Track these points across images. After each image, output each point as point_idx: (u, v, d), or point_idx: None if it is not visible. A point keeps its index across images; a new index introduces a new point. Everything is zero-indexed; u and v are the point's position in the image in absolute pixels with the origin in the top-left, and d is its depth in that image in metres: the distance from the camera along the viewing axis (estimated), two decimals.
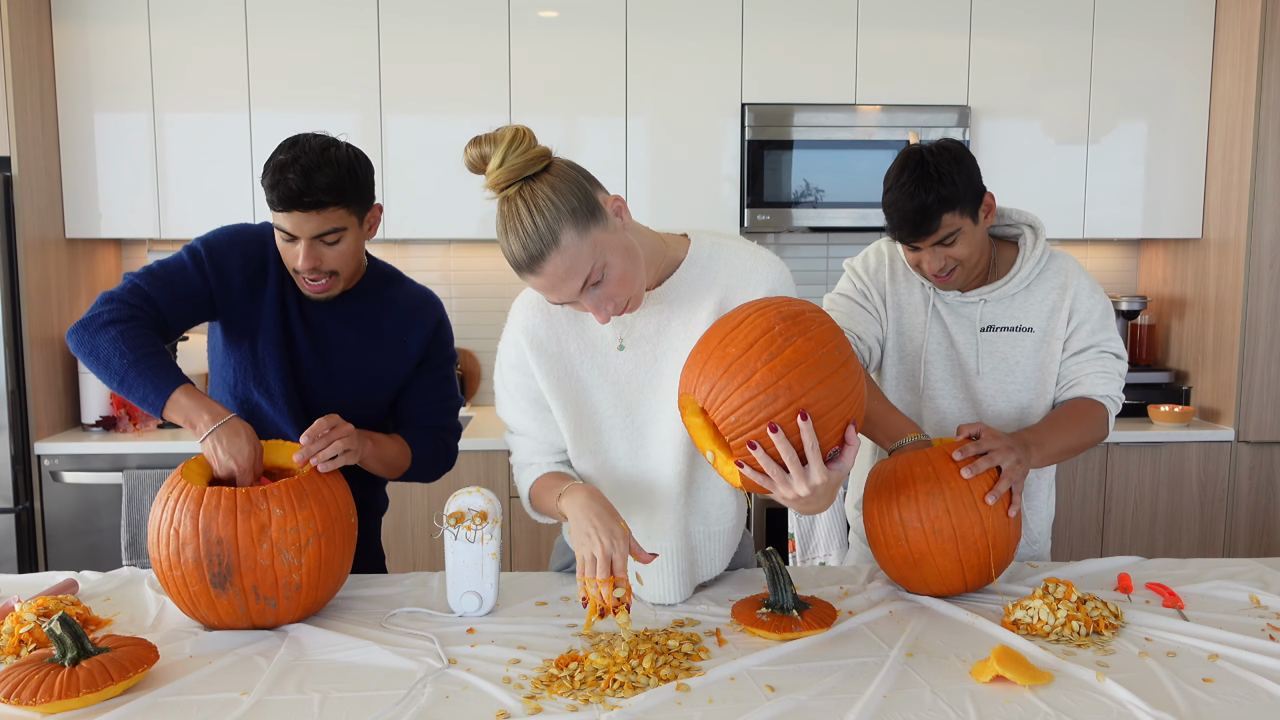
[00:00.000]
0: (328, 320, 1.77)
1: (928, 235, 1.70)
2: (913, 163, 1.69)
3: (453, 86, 3.26)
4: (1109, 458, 3.28)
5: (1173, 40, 3.39)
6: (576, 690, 1.25)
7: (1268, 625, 1.46)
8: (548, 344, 1.54)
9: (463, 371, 3.69)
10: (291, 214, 1.59)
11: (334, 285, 1.70)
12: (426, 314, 1.84)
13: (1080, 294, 1.80)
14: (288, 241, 1.63)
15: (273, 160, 1.60)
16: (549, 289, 1.37)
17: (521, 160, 1.32)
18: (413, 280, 1.88)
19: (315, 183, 1.57)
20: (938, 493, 1.51)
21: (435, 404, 1.87)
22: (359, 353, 1.78)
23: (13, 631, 1.38)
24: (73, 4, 3.16)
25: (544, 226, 1.31)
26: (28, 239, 3.03)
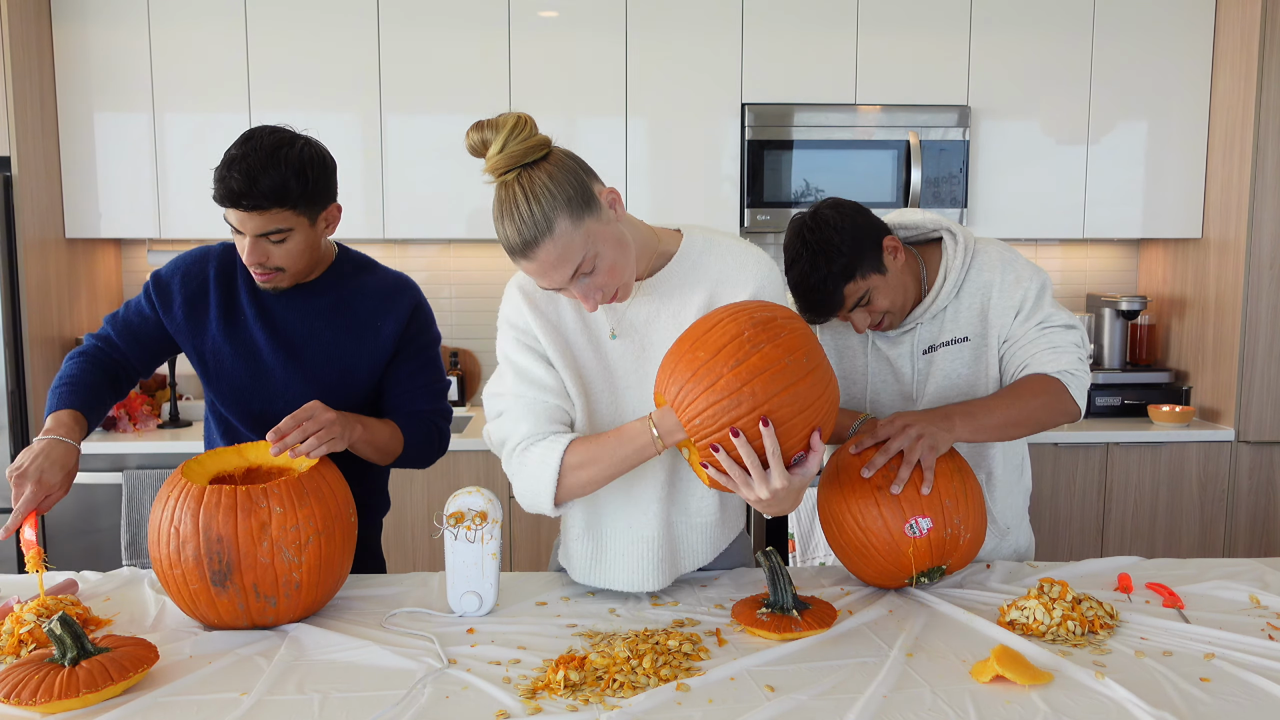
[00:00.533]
0: (292, 315, 1.77)
1: (834, 311, 1.71)
2: (796, 244, 1.70)
3: (453, 86, 3.26)
4: (1109, 458, 3.28)
5: (1173, 40, 3.39)
6: (576, 690, 1.25)
7: (1267, 625, 1.46)
8: (546, 311, 1.54)
9: (462, 371, 3.69)
10: (234, 211, 1.59)
11: (281, 279, 1.69)
12: (400, 299, 1.81)
13: (1004, 286, 1.74)
14: (236, 234, 1.64)
15: (227, 153, 1.60)
16: (540, 274, 1.39)
17: (521, 147, 1.34)
18: (387, 268, 1.86)
19: (258, 185, 1.56)
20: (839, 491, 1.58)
21: (422, 388, 1.84)
22: (330, 344, 1.77)
23: (13, 631, 1.39)
24: (73, 4, 3.16)
25: (539, 214, 1.33)
26: (28, 239, 3.03)
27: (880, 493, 1.53)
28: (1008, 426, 1.65)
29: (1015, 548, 1.90)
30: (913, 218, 1.85)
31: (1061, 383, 1.69)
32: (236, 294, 1.77)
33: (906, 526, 1.52)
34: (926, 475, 1.52)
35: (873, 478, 1.55)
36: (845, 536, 1.58)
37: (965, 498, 1.57)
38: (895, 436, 1.55)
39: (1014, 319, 1.75)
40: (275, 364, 1.77)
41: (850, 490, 1.56)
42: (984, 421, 1.62)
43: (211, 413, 1.86)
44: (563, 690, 1.24)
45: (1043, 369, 1.70)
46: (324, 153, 1.67)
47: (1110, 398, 3.48)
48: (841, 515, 1.58)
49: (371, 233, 3.31)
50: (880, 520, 1.53)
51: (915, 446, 1.53)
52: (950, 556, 1.57)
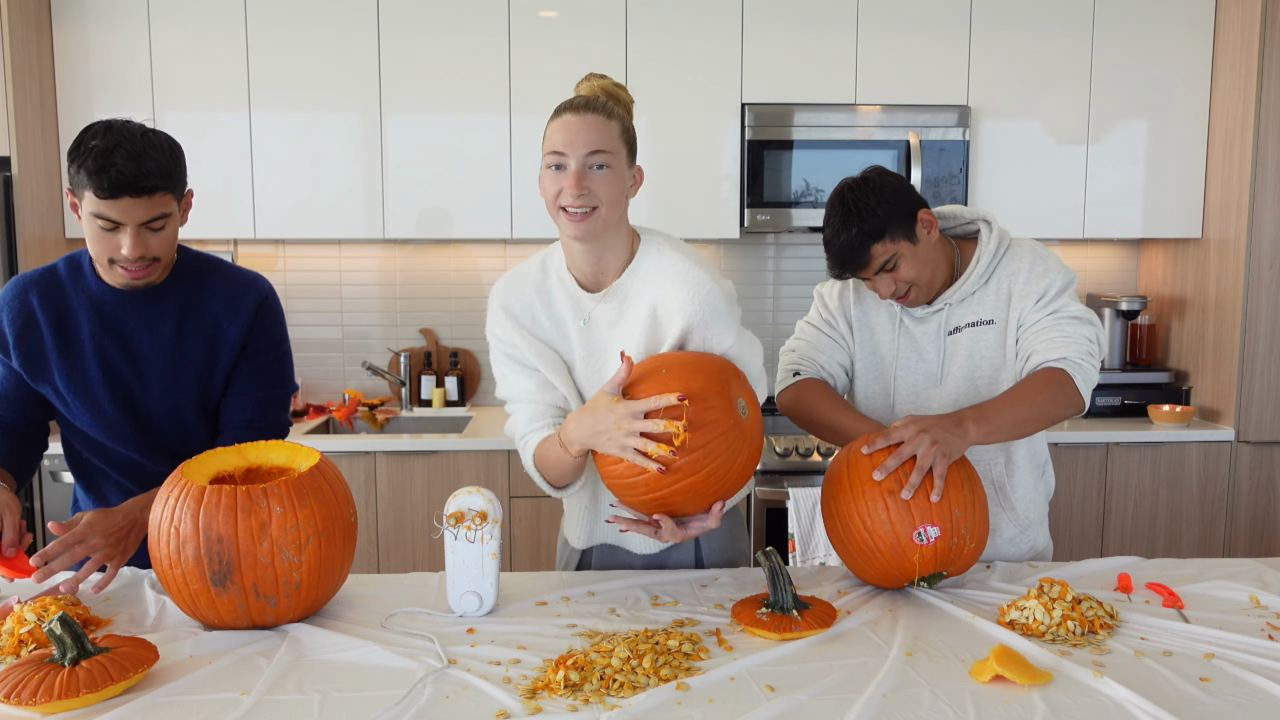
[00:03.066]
0: (139, 326, 1.72)
1: (861, 269, 1.76)
2: (835, 200, 1.76)
3: (453, 86, 3.27)
4: (1109, 458, 3.28)
5: (1173, 40, 3.39)
6: (576, 690, 1.25)
7: (1267, 625, 1.46)
8: (521, 316, 1.66)
9: (462, 371, 3.70)
10: (120, 200, 1.54)
11: (154, 272, 1.66)
12: (246, 298, 1.76)
13: (1031, 274, 1.77)
14: (109, 230, 1.58)
15: (88, 146, 1.54)
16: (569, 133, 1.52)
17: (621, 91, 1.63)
18: (237, 266, 1.82)
19: (145, 167, 1.54)
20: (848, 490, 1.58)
21: (254, 398, 1.78)
22: (178, 349, 1.73)
23: (13, 631, 1.38)
24: (73, 4, 3.16)
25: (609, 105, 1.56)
26: (28, 239, 3.03)
27: (890, 496, 1.53)
28: (1019, 425, 1.66)
29: (1033, 546, 1.91)
30: (953, 209, 1.90)
31: (1067, 373, 1.69)
32: (71, 314, 1.71)
33: (915, 534, 1.52)
34: (937, 483, 1.52)
35: (883, 480, 1.54)
36: (849, 536, 1.58)
37: (973, 507, 1.57)
38: (909, 441, 1.55)
39: (1033, 305, 1.77)
40: (131, 380, 1.72)
41: (859, 490, 1.56)
42: (996, 423, 1.63)
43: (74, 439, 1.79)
44: (563, 690, 1.24)
45: (1048, 358, 1.71)
46: (175, 139, 1.66)
47: (1110, 398, 3.48)
48: (847, 514, 1.57)
49: (371, 233, 3.31)
50: (888, 525, 1.53)
51: (929, 453, 1.52)
52: (953, 564, 1.57)
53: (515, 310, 1.66)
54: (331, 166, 3.28)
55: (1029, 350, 1.75)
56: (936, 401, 1.85)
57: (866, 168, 1.80)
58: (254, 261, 3.62)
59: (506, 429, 1.72)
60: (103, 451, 1.78)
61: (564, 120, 1.54)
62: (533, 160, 3.29)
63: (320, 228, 3.31)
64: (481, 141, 3.29)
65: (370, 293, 3.70)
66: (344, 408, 3.49)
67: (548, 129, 1.57)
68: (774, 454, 3.09)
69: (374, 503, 3.12)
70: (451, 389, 3.66)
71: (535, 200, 3.30)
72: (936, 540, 1.52)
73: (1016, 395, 1.68)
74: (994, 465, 1.85)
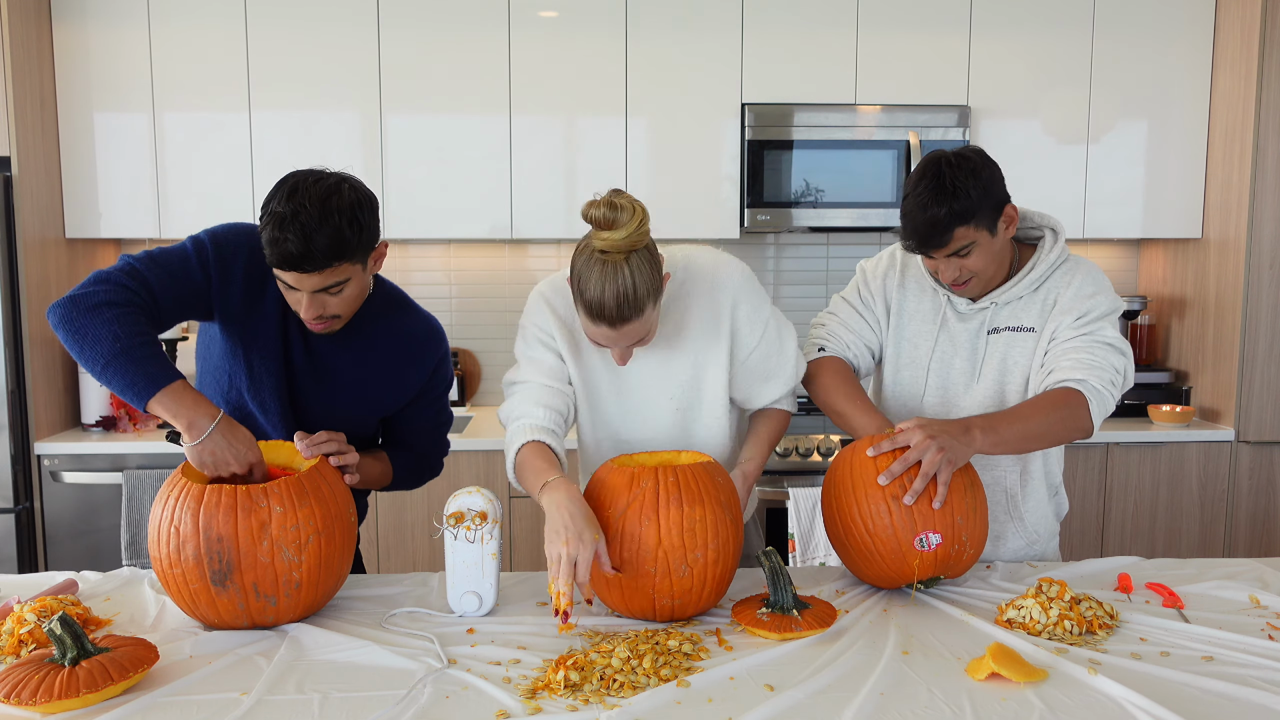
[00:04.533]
0: (329, 345, 1.72)
1: (939, 248, 1.68)
2: (930, 172, 1.67)
3: (453, 86, 3.26)
4: (1109, 458, 3.28)
5: (1173, 40, 3.39)
6: (576, 690, 1.25)
7: (1267, 625, 1.47)
8: (566, 319, 1.73)
9: (462, 371, 3.69)
10: (288, 273, 1.50)
11: (335, 324, 1.63)
12: (429, 348, 1.80)
13: (1079, 291, 1.76)
14: (288, 289, 1.55)
15: (270, 210, 1.48)
16: (611, 340, 1.56)
17: (639, 236, 1.50)
18: (420, 308, 1.83)
19: (316, 245, 1.47)
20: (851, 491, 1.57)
21: (428, 430, 1.89)
22: (358, 380, 1.74)
23: (13, 631, 1.39)
24: (73, 4, 3.16)
25: (638, 297, 1.51)
26: (28, 239, 3.03)
27: (893, 501, 1.53)
28: (1026, 440, 1.64)
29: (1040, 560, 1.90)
30: (1023, 209, 1.85)
31: (1083, 396, 1.67)
32: (272, 305, 1.67)
33: (916, 540, 1.52)
34: (940, 490, 1.52)
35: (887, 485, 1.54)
36: (850, 537, 1.58)
37: (974, 513, 1.58)
38: (916, 447, 1.54)
39: (1071, 321, 1.74)
40: (308, 385, 1.72)
41: (862, 493, 1.56)
42: (1003, 435, 1.61)
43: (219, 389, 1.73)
44: (563, 690, 1.24)
45: (1070, 377, 1.68)
46: (368, 193, 1.59)
47: None
48: (849, 515, 1.57)
49: None
50: (890, 529, 1.53)
51: (935, 460, 1.52)
52: (952, 569, 1.58)
53: (560, 311, 1.72)
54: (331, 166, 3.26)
55: (1054, 365, 1.73)
56: (966, 400, 1.83)
57: (965, 146, 1.72)
58: None
59: (501, 411, 1.74)
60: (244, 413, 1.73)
61: (602, 330, 1.55)
62: (533, 160, 3.29)
63: None
64: (481, 141, 3.29)
65: None
66: None
67: (582, 315, 1.56)
68: (774, 454, 3.09)
69: (374, 503, 3.12)
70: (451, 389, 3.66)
71: (535, 200, 3.30)
72: (938, 547, 1.53)
73: (1028, 411, 1.66)
74: (1008, 474, 1.85)
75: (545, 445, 1.62)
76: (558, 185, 3.32)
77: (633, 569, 1.45)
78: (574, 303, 1.57)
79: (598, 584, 1.52)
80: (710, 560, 1.46)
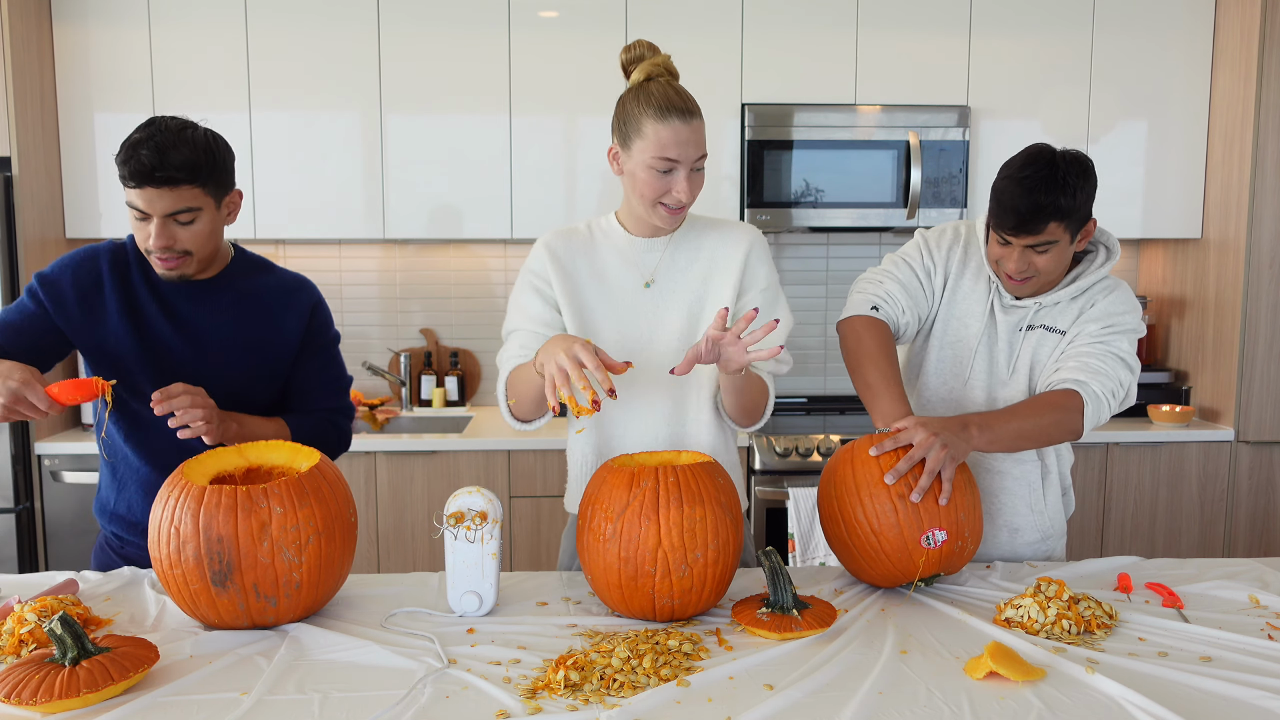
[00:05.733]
0: (198, 311, 1.76)
1: (1028, 234, 1.67)
2: (1044, 160, 1.66)
3: (453, 86, 3.27)
4: (1109, 458, 3.28)
5: (1172, 40, 3.39)
6: (576, 690, 1.25)
7: (1267, 625, 1.47)
8: (564, 261, 1.76)
9: (462, 371, 3.70)
10: (144, 190, 1.59)
11: (187, 265, 1.69)
12: (300, 297, 1.84)
13: (1109, 307, 1.77)
14: (140, 219, 1.63)
15: (128, 138, 1.60)
16: (683, 141, 1.61)
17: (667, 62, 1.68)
18: (284, 268, 1.89)
19: (169, 159, 1.58)
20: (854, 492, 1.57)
21: (322, 386, 1.88)
22: (236, 339, 1.78)
23: (13, 631, 1.39)
24: (73, 4, 3.16)
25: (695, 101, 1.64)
26: (28, 239, 3.03)
27: (900, 500, 1.53)
28: (1019, 439, 1.66)
29: (1050, 555, 1.91)
30: None
31: (1081, 399, 1.69)
32: (135, 289, 1.75)
33: (923, 538, 1.53)
34: (945, 487, 1.53)
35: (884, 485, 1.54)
36: (854, 537, 1.58)
37: (973, 509, 1.59)
38: (920, 445, 1.54)
39: (1095, 328, 1.76)
40: (185, 359, 1.76)
41: (866, 493, 1.56)
42: (999, 433, 1.63)
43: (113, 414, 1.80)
44: (563, 690, 1.24)
45: (1073, 377, 1.71)
46: (225, 141, 1.70)
47: None
48: (852, 515, 1.57)
49: (371, 233, 3.31)
50: (896, 528, 1.53)
51: (940, 457, 1.53)
52: (953, 566, 1.59)
53: (559, 254, 1.77)
54: (331, 166, 3.28)
55: (1062, 364, 1.75)
56: (1005, 393, 1.83)
57: (1075, 150, 1.70)
58: None
59: (499, 358, 1.76)
60: (138, 424, 1.77)
61: (673, 126, 1.61)
62: (533, 160, 3.29)
63: (320, 228, 3.31)
64: (481, 141, 3.29)
65: (370, 293, 3.70)
66: None
67: (650, 127, 1.61)
68: (774, 454, 3.09)
69: (374, 503, 3.12)
70: (452, 389, 3.66)
71: (535, 200, 3.30)
72: (943, 544, 1.54)
73: (1025, 410, 1.67)
74: (1031, 469, 1.86)
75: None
76: (558, 185, 3.32)
77: (633, 569, 1.45)
78: (634, 126, 1.63)
79: (597, 584, 1.52)
80: (710, 560, 1.46)
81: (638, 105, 1.63)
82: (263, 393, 1.82)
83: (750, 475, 3.12)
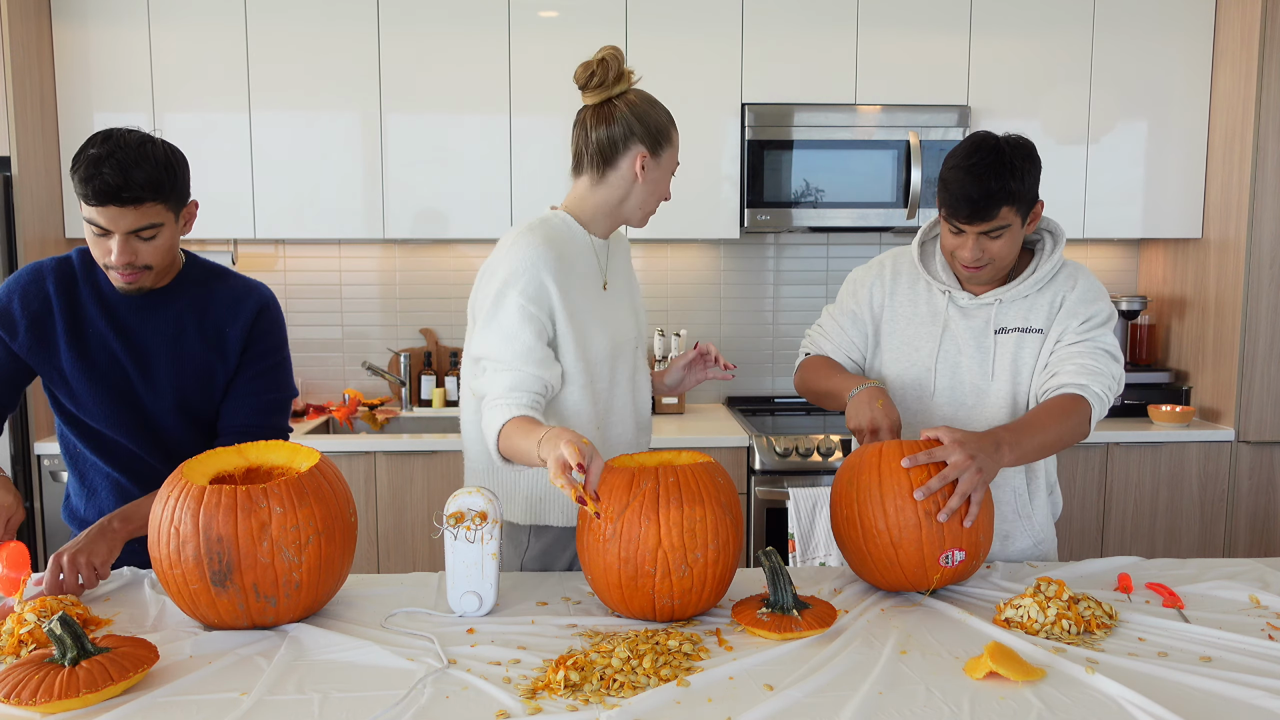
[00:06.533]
0: (145, 325, 1.75)
1: (982, 221, 1.69)
2: (988, 147, 1.69)
3: (452, 87, 3.27)
4: (1109, 458, 3.28)
5: (1173, 40, 3.39)
6: (576, 690, 1.25)
7: (1267, 625, 1.47)
8: (560, 280, 1.70)
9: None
10: (106, 209, 1.57)
11: (146, 278, 1.68)
12: (247, 303, 1.80)
13: (1083, 296, 1.80)
14: (100, 235, 1.61)
15: (85, 154, 1.57)
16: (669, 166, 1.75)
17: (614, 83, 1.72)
18: (240, 274, 1.86)
19: (133, 178, 1.56)
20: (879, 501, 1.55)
21: (254, 402, 1.80)
22: (184, 353, 1.76)
23: (13, 631, 1.39)
24: (73, 4, 3.16)
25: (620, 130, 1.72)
26: (28, 239, 3.03)
27: (926, 517, 1.51)
28: (1042, 450, 1.68)
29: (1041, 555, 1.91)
30: None
31: (1088, 404, 1.72)
32: (82, 307, 1.74)
33: (942, 558, 1.53)
34: (973, 510, 1.52)
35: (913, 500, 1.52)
36: (870, 543, 1.56)
37: (990, 528, 1.59)
38: (956, 465, 1.52)
39: (1077, 324, 1.78)
40: (132, 375, 1.75)
41: (891, 502, 1.53)
42: (1026, 448, 1.64)
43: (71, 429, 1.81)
44: (563, 690, 1.24)
45: (1071, 381, 1.73)
46: (179, 150, 1.68)
47: None
48: (872, 522, 1.55)
49: (371, 233, 3.31)
50: (917, 543, 1.52)
51: (973, 480, 1.51)
52: (962, 578, 1.60)
53: (556, 274, 1.68)
54: (331, 166, 3.28)
55: (1057, 368, 1.77)
56: (981, 400, 1.83)
57: (1016, 135, 1.73)
58: (254, 261, 3.62)
59: (477, 387, 1.68)
60: (100, 442, 1.79)
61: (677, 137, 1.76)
62: (533, 160, 3.29)
63: (320, 228, 3.31)
64: (481, 141, 3.29)
65: (370, 293, 3.70)
66: (344, 408, 3.49)
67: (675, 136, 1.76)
68: (774, 454, 3.09)
69: (374, 503, 3.12)
70: (451, 389, 3.66)
71: (535, 200, 3.30)
72: (960, 564, 1.54)
73: (1045, 421, 1.68)
74: (1017, 475, 1.86)
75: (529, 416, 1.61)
76: (558, 185, 3.32)
77: (633, 569, 1.45)
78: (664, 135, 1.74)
79: (597, 584, 1.52)
80: (710, 560, 1.46)
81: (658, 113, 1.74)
82: (210, 405, 1.81)
83: (750, 475, 3.12)
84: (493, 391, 1.64)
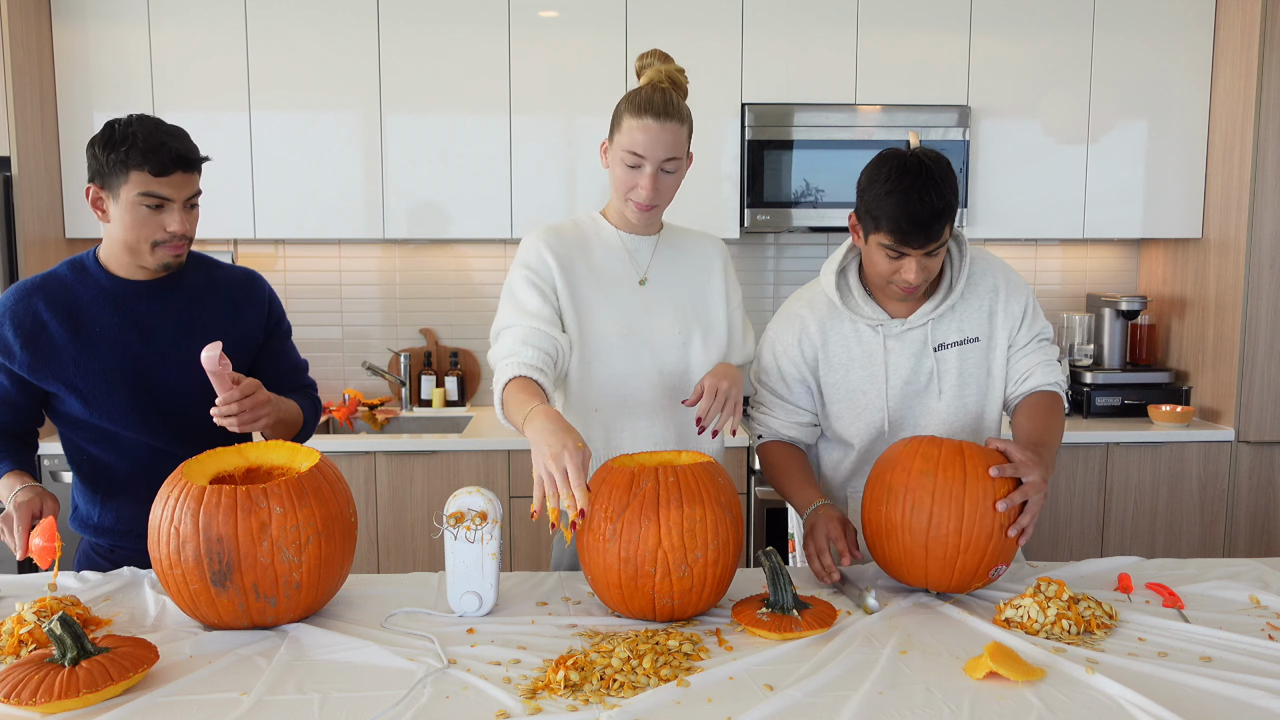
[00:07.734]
0: (155, 309, 1.77)
1: (933, 240, 1.65)
2: (914, 167, 1.63)
3: (452, 86, 3.27)
4: (1109, 458, 3.28)
5: (1173, 40, 3.39)
6: (576, 690, 1.25)
7: (1267, 625, 1.47)
8: (562, 257, 1.77)
9: (462, 371, 3.69)
10: (172, 176, 1.64)
11: (184, 251, 1.75)
12: (255, 289, 1.90)
13: (1009, 291, 1.83)
14: (155, 209, 1.66)
15: (127, 133, 1.63)
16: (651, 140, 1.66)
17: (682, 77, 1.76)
18: (229, 263, 1.93)
19: (189, 145, 1.67)
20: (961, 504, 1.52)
21: (293, 370, 1.96)
22: (195, 334, 1.78)
23: (13, 631, 1.39)
24: (73, 4, 3.16)
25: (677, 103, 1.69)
26: (28, 239, 3.03)
27: (1001, 530, 1.52)
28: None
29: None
30: None
31: (1060, 397, 1.85)
32: (83, 311, 1.73)
33: (992, 571, 1.55)
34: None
35: (993, 509, 1.51)
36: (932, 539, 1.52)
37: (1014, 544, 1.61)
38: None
39: (1020, 324, 1.84)
40: (151, 362, 1.75)
41: (973, 507, 1.51)
42: (1050, 459, 1.69)
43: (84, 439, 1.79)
44: (563, 690, 1.24)
45: (1045, 382, 1.83)
46: None
47: (1110, 398, 3.48)
48: (943, 520, 1.51)
49: (371, 233, 3.31)
50: (983, 551, 1.52)
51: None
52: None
53: (557, 250, 1.77)
54: (331, 166, 3.28)
55: (1027, 372, 1.84)
56: (930, 419, 1.82)
57: (922, 149, 1.69)
58: (254, 261, 3.62)
59: (492, 355, 1.74)
60: (115, 443, 1.77)
61: (645, 124, 1.66)
62: (533, 160, 3.29)
63: (320, 227, 3.31)
64: (481, 141, 3.29)
65: (370, 293, 3.70)
66: (344, 408, 3.49)
67: (626, 123, 1.68)
68: None
69: (374, 503, 3.12)
70: (451, 389, 3.66)
71: (535, 200, 3.30)
72: (998, 575, 1.58)
73: (1046, 426, 1.76)
74: None
75: (531, 380, 1.62)
76: (558, 185, 3.32)
77: (633, 569, 1.45)
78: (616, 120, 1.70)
79: (597, 584, 1.52)
80: (710, 560, 1.46)
81: (624, 102, 1.71)
82: None
83: (750, 475, 3.12)
84: (498, 351, 1.72)
